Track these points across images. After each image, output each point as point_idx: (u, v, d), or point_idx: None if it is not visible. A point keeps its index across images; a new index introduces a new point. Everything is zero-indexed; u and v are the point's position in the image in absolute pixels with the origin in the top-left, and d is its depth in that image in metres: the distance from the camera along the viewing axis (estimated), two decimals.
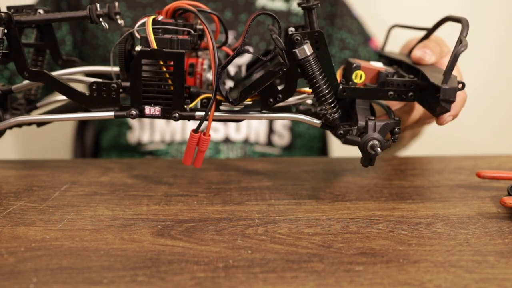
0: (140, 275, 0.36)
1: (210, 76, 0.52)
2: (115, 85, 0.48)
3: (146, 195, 0.50)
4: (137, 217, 0.45)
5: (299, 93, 0.50)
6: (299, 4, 0.48)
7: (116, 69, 0.54)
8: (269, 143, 0.86)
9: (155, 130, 0.85)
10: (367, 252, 0.39)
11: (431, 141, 1.09)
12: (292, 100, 0.50)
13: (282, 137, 0.87)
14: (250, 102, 0.50)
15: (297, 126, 0.88)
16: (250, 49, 0.48)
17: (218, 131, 0.85)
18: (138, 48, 0.50)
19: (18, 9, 0.52)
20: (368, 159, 0.46)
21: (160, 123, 0.85)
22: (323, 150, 0.98)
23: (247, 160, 0.65)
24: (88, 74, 0.57)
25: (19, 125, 0.53)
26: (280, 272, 0.36)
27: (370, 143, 0.45)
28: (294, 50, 0.46)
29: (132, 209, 0.47)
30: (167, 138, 0.84)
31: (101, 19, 0.50)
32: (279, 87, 0.48)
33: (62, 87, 0.49)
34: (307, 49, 0.46)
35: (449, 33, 0.57)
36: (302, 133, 0.89)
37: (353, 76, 0.50)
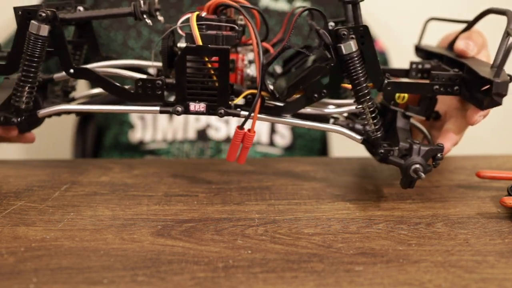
0: (140, 275, 0.36)
1: (250, 71, 0.52)
2: (160, 82, 0.48)
3: (146, 195, 0.50)
4: (137, 217, 0.45)
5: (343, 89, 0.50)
6: (342, 0, 0.48)
7: (156, 64, 0.54)
8: (271, 143, 0.86)
9: (157, 129, 0.85)
10: (367, 252, 0.39)
11: None
12: (332, 111, 0.51)
13: (284, 137, 0.87)
14: (294, 99, 0.49)
15: (298, 127, 0.88)
16: (295, 45, 0.48)
17: (219, 130, 0.85)
18: (180, 44, 0.50)
19: (58, 6, 0.51)
20: (408, 181, 0.46)
21: (163, 122, 0.85)
22: (323, 150, 0.98)
23: (247, 160, 0.65)
24: (126, 68, 0.56)
25: (59, 113, 0.53)
26: (280, 272, 0.36)
27: (413, 167, 0.45)
28: (339, 45, 0.45)
29: (132, 209, 0.47)
30: (169, 137, 0.84)
31: (144, 16, 0.50)
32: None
33: (107, 84, 0.49)
34: (353, 45, 0.45)
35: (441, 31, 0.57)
36: (303, 134, 0.89)
37: (396, 97, 0.51)
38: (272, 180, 0.55)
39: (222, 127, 0.85)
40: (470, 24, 0.55)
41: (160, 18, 0.52)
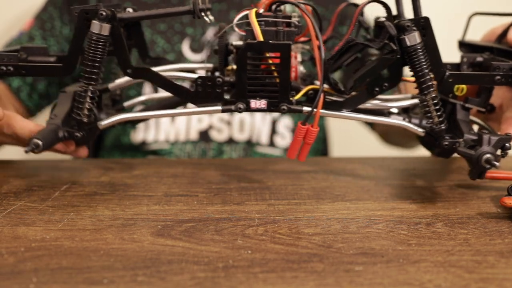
0: (140, 275, 0.36)
1: (303, 69, 0.52)
2: (220, 80, 0.48)
3: (146, 195, 0.50)
4: (137, 217, 0.45)
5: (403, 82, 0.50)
6: None
7: (208, 65, 0.54)
8: (271, 144, 0.86)
9: (160, 129, 0.85)
10: (367, 252, 0.39)
11: None
12: (392, 105, 0.51)
13: (284, 138, 0.87)
14: (355, 93, 0.49)
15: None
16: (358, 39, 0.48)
17: (222, 131, 0.85)
18: (235, 42, 0.50)
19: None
20: (478, 172, 0.46)
21: (165, 122, 0.85)
22: (324, 151, 0.98)
23: (247, 160, 0.65)
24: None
25: (121, 123, 0.52)
26: (280, 272, 0.36)
27: (485, 157, 0.45)
28: (403, 37, 0.45)
29: (132, 209, 0.47)
30: (171, 138, 0.84)
31: (203, 14, 0.50)
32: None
33: (166, 83, 0.49)
34: (417, 36, 0.45)
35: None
36: None
37: (455, 89, 0.50)
38: (272, 180, 0.55)
39: (224, 128, 0.85)
40: None
41: (211, 17, 0.51)
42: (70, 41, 0.49)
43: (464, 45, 0.60)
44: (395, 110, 0.54)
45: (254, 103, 0.48)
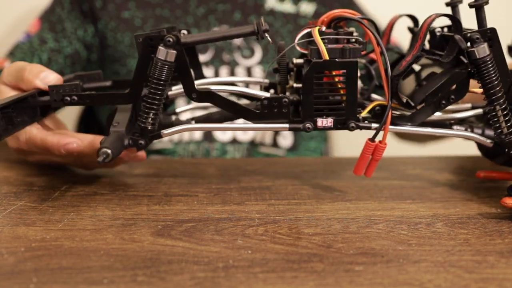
0: (140, 275, 0.36)
1: (361, 83, 0.52)
2: (286, 100, 0.48)
3: (146, 195, 0.50)
4: (137, 217, 0.45)
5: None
6: (469, 4, 0.47)
7: (265, 80, 0.53)
8: (274, 144, 0.86)
9: None
10: (367, 252, 0.39)
11: None
12: (456, 116, 0.51)
13: (286, 138, 0.87)
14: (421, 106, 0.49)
15: None
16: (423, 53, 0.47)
17: (225, 132, 0.85)
18: (296, 60, 0.50)
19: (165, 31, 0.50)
20: None
21: None
22: (324, 151, 0.98)
23: (247, 160, 0.65)
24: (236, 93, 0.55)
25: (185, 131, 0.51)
26: (280, 272, 0.36)
27: None
28: (472, 49, 0.45)
29: (132, 209, 0.47)
30: (175, 137, 0.84)
31: (266, 35, 0.48)
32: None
33: (232, 106, 0.48)
34: (487, 48, 0.45)
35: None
36: (306, 135, 0.89)
37: None
38: (272, 180, 0.55)
39: None
40: None
41: (269, 39, 0.50)
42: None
43: None
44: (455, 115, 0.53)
45: (320, 122, 0.48)
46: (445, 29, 0.52)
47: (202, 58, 0.86)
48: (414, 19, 0.47)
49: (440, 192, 0.52)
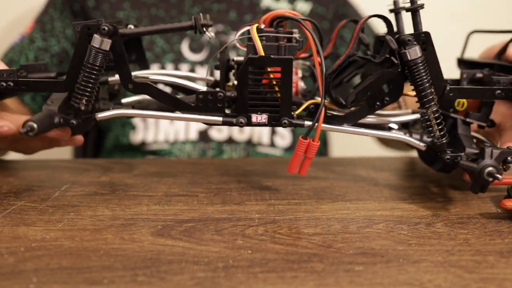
0: (140, 275, 0.36)
1: (303, 84, 0.52)
2: (221, 94, 0.48)
3: (146, 195, 0.50)
4: (137, 217, 0.45)
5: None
6: (405, 8, 0.48)
7: (210, 78, 0.54)
8: (272, 144, 0.86)
9: (159, 130, 0.85)
10: (367, 252, 0.39)
11: None
12: (393, 119, 0.51)
13: (284, 138, 0.87)
14: (356, 108, 0.50)
15: (299, 127, 0.88)
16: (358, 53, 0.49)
17: (221, 131, 0.85)
18: (236, 58, 0.51)
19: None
20: (480, 185, 0.46)
21: (165, 123, 0.85)
22: (324, 151, 0.98)
23: (247, 160, 0.65)
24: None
25: (117, 118, 0.53)
26: (280, 272, 0.36)
27: (487, 170, 0.44)
28: (404, 51, 0.46)
29: (132, 209, 0.47)
30: (171, 138, 0.84)
31: (204, 29, 0.50)
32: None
33: (167, 98, 0.49)
34: (418, 50, 0.46)
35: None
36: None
37: (455, 104, 0.51)
38: (272, 180, 0.55)
39: (224, 128, 0.85)
40: None
41: (212, 34, 0.51)
42: (73, 41, 0.49)
43: (463, 63, 0.60)
44: (395, 126, 0.54)
45: (255, 118, 0.48)
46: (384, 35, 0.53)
47: (197, 57, 0.87)
48: (386, 20, 0.47)
49: (440, 192, 0.52)
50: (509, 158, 0.46)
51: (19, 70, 0.52)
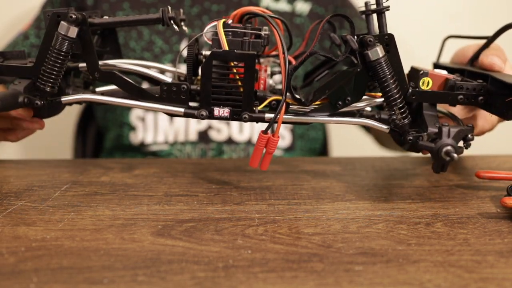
0: (140, 274, 0.36)
1: (272, 82, 0.53)
2: (185, 86, 0.49)
3: (146, 195, 0.50)
4: (137, 217, 0.45)
5: (367, 97, 0.51)
6: (371, 10, 0.48)
7: (177, 70, 0.55)
8: None
9: (158, 131, 0.85)
10: (367, 252, 0.39)
11: None
12: (357, 105, 0.51)
13: (284, 138, 0.87)
14: (317, 106, 0.50)
15: (298, 127, 0.88)
16: (320, 52, 0.49)
17: (221, 131, 0.85)
18: (205, 52, 0.51)
19: (86, 14, 0.52)
20: (440, 165, 0.46)
21: (164, 124, 0.85)
22: (323, 151, 0.98)
23: (247, 160, 0.65)
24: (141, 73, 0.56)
25: (80, 102, 0.53)
26: (280, 272, 0.36)
27: (444, 149, 0.45)
28: (366, 52, 0.46)
29: (132, 209, 0.47)
30: (170, 139, 0.84)
31: (172, 22, 0.51)
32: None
33: (132, 88, 0.50)
34: (380, 51, 0.46)
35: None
36: (303, 135, 0.89)
37: (420, 83, 0.50)
38: (272, 180, 0.55)
39: (223, 129, 0.85)
40: (491, 40, 0.55)
41: (185, 28, 0.52)
42: None
43: (438, 67, 0.60)
44: (368, 109, 0.54)
45: (217, 111, 0.49)
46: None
47: None
48: (348, 20, 0.48)
49: (439, 192, 0.52)
50: (469, 135, 0.46)
51: None
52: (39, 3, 0.95)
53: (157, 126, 0.85)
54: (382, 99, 0.50)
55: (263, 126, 0.85)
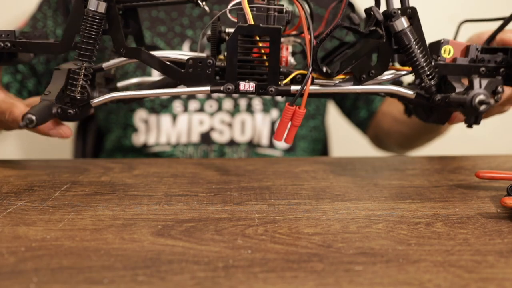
0: (140, 274, 0.36)
1: (293, 60, 0.53)
2: (210, 61, 0.49)
3: (146, 195, 0.50)
4: (137, 217, 0.45)
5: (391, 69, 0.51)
6: None
7: (203, 55, 0.55)
8: (271, 145, 0.86)
9: (161, 132, 0.85)
10: (367, 252, 0.39)
11: None
12: (381, 78, 0.51)
13: None
14: (341, 80, 0.50)
15: (299, 128, 0.88)
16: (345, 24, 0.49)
17: (223, 133, 0.85)
18: (228, 29, 0.52)
19: None
20: (474, 117, 0.46)
21: (167, 125, 0.85)
22: (324, 152, 0.98)
23: (247, 160, 0.65)
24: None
25: (111, 102, 0.54)
26: (280, 272, 0.36)
27: (478, 98, 0.44)
28: (391, 23, 0.46)
29: (132, 209, 0.47)
30: (173, 140, 0.84)
31: (203, 3, 0.51)
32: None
33: (158, 63, 0.51)
34: (404, 21, 0.46)
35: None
36: (304, 136, 0.89)
37: (442, 51, 0.51)
38: (272, 180, 0.55)
39: (225, 130, 0.85)
40: (508, 20, 0.55)
41: (206, 8, 0.53)
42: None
43: None
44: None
45: (243, 86, 0.49)
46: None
47: None
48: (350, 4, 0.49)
49: (439, 192, 0.52)
50: (499, 88, 0.47)
51: (18, 36, 0.54)
52: (36, 3, 0.95)
53: (160, 128, 0.85)
54: (406, 71, 0.50)
55: (264, 126, 0.85)
